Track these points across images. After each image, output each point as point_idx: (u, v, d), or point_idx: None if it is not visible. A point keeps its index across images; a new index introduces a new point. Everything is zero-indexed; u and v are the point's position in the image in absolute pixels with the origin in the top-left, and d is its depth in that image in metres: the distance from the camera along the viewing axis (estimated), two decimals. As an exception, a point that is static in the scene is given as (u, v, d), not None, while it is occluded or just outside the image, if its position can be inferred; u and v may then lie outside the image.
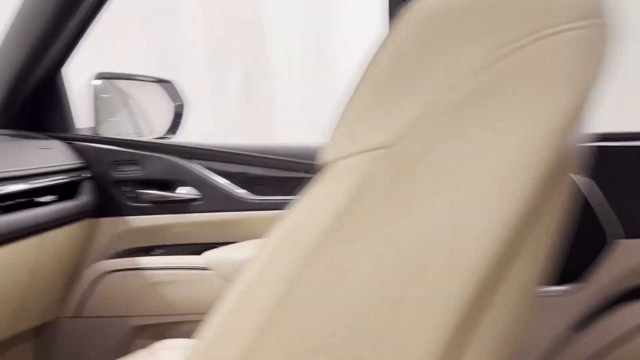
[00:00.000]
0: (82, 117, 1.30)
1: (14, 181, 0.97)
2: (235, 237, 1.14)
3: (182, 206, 1.14)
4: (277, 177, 1.14)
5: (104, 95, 1.36)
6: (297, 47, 3.35)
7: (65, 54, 1.17)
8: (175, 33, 3.09)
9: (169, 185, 1.15)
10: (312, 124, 3.15)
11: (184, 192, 1.15)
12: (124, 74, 1.38)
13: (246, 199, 1.13)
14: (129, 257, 1.16)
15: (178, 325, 1.14)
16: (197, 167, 1.14)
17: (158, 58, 2.87)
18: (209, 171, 1.14)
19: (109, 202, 1.15)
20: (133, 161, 1.15)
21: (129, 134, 1.46)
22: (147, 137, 1.39)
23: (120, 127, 1.48)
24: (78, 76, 1.28)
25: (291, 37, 3.31)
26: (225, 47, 3.24)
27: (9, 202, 0.96)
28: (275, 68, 3.47)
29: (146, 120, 1.53)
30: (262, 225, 1.14)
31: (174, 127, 1.43)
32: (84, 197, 1.12)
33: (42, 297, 1.13)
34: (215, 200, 1.13)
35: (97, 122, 1.30)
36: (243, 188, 1.14)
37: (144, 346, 1.16)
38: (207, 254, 1.12)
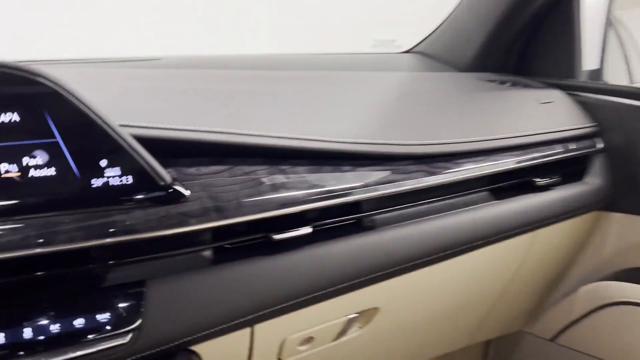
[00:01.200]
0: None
1: (509, 153, 0.66)
2: None
3: None
4: None
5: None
6: None
7: None
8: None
9: None
10: None
11: None
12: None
13: None
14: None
15: None
16: None
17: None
18: None
19: (629, 191, 0.74)
20: None
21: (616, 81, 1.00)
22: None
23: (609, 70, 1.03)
24: None
25: None
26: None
27: (506, 183, 0.65)
28: None
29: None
30: None
31: None
32: (595, 180, 0.74)
33: (513, 307, 0.84)
34: None
35: (605, 62, 0.88)
36: None
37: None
38: None
